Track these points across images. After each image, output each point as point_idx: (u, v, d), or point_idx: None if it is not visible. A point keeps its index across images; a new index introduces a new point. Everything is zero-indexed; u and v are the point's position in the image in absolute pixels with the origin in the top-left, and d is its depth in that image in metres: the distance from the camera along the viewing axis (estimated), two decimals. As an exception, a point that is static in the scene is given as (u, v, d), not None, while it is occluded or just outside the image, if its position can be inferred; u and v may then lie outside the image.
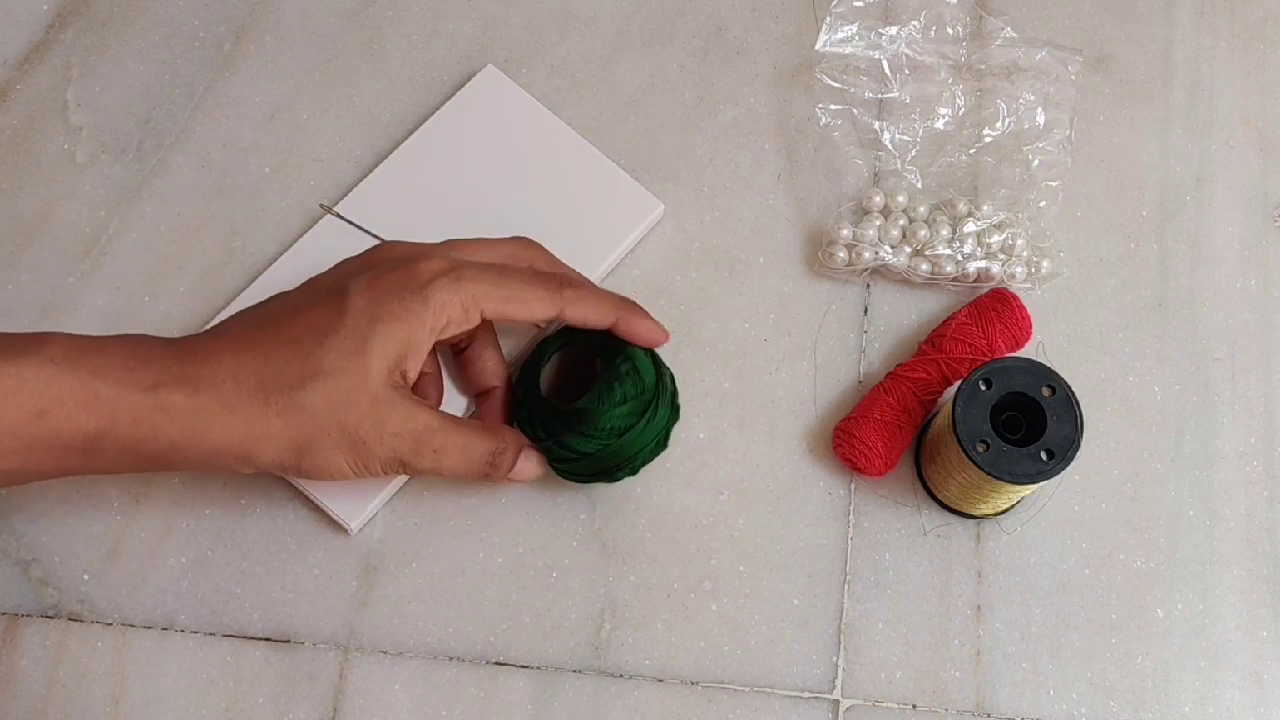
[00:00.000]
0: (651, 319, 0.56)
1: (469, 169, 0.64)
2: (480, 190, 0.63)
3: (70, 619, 0.57)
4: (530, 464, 0.56)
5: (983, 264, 0.62)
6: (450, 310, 0.51)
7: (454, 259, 0.52)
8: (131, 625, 0.57)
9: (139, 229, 0.64)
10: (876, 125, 0.65)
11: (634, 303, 0.56)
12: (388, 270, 0.51)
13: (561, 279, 0.54)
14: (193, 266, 0.63)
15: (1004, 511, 0.59)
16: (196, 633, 0.57)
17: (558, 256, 0.57)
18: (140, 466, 0.50)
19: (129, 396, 0.48)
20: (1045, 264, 0.62)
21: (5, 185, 0.64)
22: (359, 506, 0.58)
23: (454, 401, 0.59)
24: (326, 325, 0.50)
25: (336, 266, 0.54)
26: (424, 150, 0.64)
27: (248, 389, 0.49)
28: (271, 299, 0.53)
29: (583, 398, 0.55)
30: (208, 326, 0.61)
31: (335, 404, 0.49)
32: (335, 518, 0.58)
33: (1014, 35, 0.66)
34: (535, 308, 0.53)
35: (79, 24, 0.68)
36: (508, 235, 0.57)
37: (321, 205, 0.63)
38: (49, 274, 0.63)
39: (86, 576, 0.57)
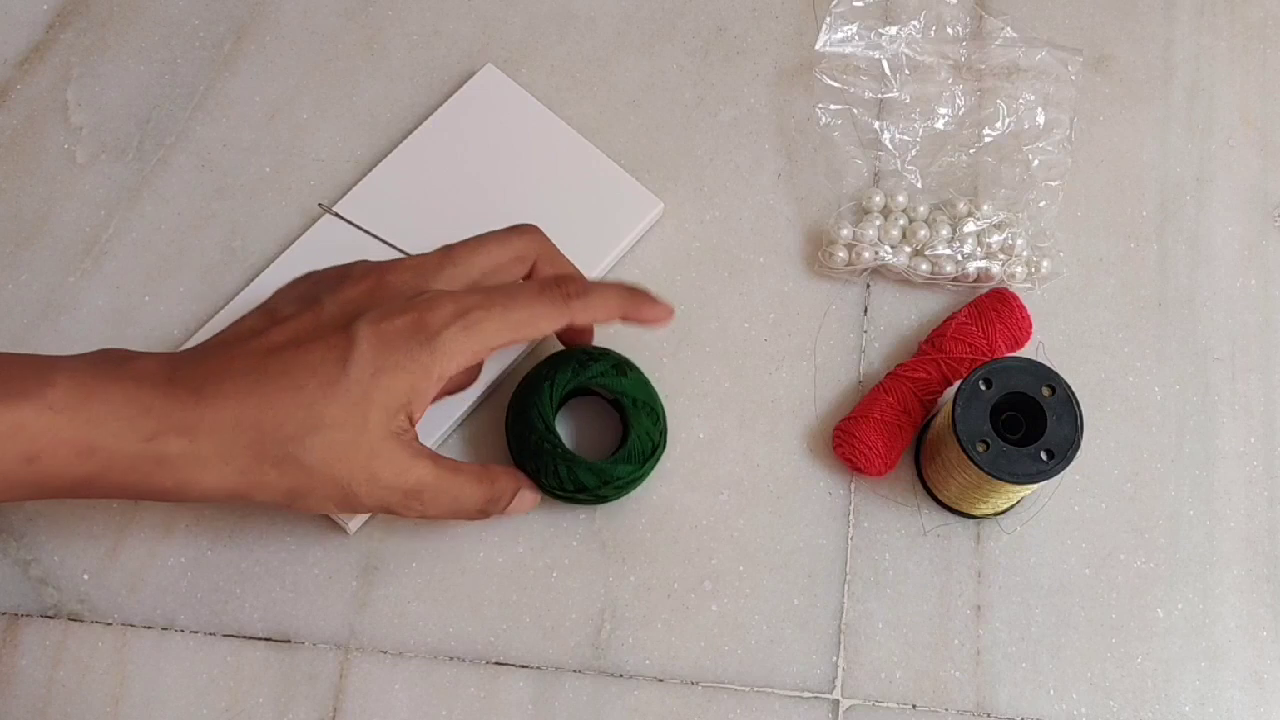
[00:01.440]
0: (655, 301, 0.56)
1: (468, 168, 0.64)
2: (479, 189, 0.63)
3: (70, 619, 0.57)
4: (526, 502, 0.56)
5: (983, 264, 0.62)
6: (460, 358, 0.50)
7: (464, 300, 0.51)
8: (131, 625, 0.57)
9: (139, 229, 0.64)
10: (876, 125, 0.65)
11: (636, 289, 0.56)
12: (396, 312, 0.50)
13: (564, 285, 0.53)
14: (193, 266, 0.63)
15: (1004, 511, 0.59)
16: (196, 633, 0.57)
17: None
18: (129, 499, 0.49)
19: (125, 447, 0.47)
20: (1045, 264, 0.62)
21: (5, 185, 0.64)
22: None
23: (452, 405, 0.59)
24: (330, 374, 0.49)
25: (341, 283, 0.52)
26: (423, 149, 0.64)
27: (247, 438, 0.48)
28: (274, 317, 0.52)
29: (611, 457, 0.57)
30: (211, 323, 0.60)
31: (332, 458, 0.49)
32: (334, 518, 0.58)
33: (1014, 35, 0.66)
34: (544, 324, 0.52)
35: (79, 24, 0.68)
36: None
37: (320, 205, 0.63)
38: (49, 274, 0.63)
39: (86, 576, 0.57)
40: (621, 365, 0.58)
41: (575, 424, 0.60)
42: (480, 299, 0.51)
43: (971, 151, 0.64)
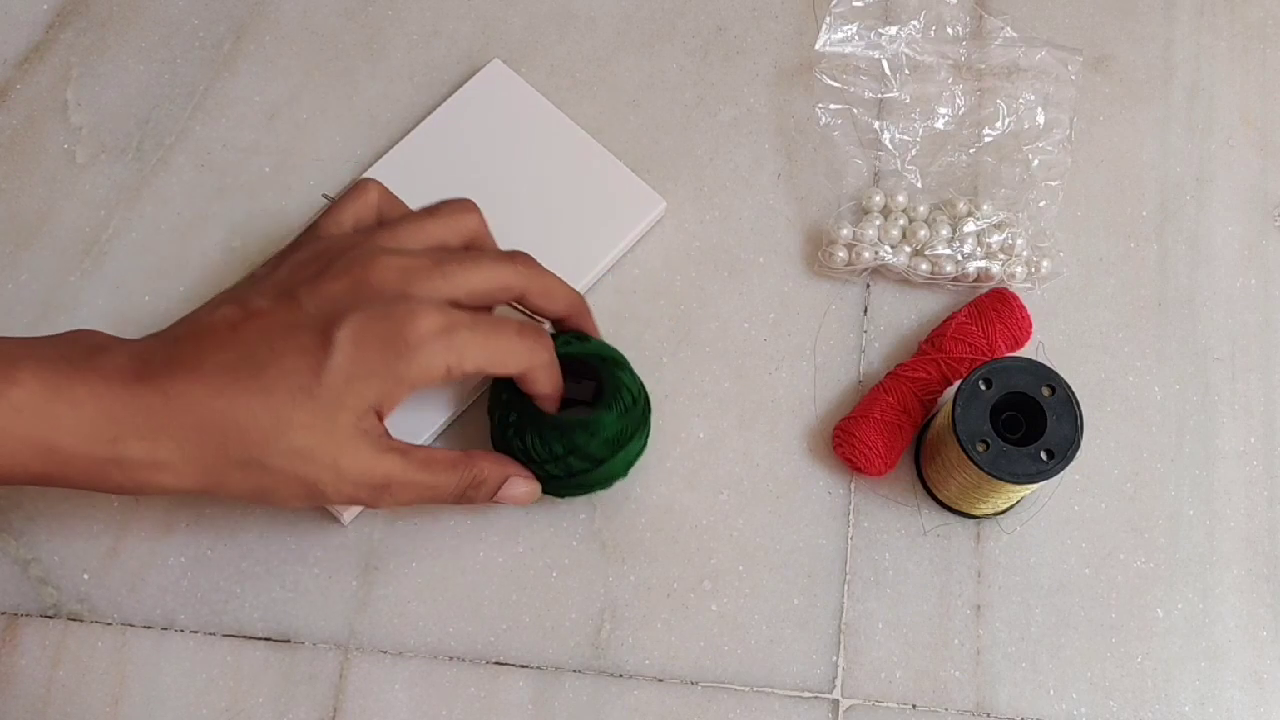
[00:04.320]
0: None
1: (473, 162, 0.64)
2: (483, 183, 0.63)
3: (70, 619, 0.57)
4: (518, 490, 0.55)
5: (983, 264, 0.62)
6: (436, 372, 0.50)
7: (450, 316, 0.50)
8: (131, 625, 0.57)
9: (139, 229, 0.64)
10: (876, 125, 0.65)
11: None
12: (378, 318, 0.49)
13: (545, 336, 0.54)
14: (193, 266, 0.63)
15: (1004, 511, 0.59)
16: (196, 632, 0.57)
17: (556, 259, 0.57)
18: (86, 490, 0.49)
19: (86, 450, 0.46)
20: (1045, 264, 0.62)
21: (5, 185, 0.64)
22: None
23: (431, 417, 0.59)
24: (303, 380, 0.48)
25: (320, 277, 0.50)
26: (428, 143, 0.64)
27: (212, 444, 0.48)
28: (248, 309, 0.50)
29: (586, 409, 0.55)
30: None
31: (298, 460, 0.48)
32: (328, 508, 0.58)
33: (1014, 35, 0.66)
34: (515, 363, 0.53)
35: (79, 24, 0.68)
36: (510, 230, 0.56)
37: (324, 195, 0.63)
38: (49, 274, 0.63)
39: (86, 576, 0.57)
40: (580, 335, 0.57)
41: None
42: (466, 319, 0.51)
43: (971, 151, 0.64)
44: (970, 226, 0.62)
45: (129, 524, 0.58)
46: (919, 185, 0.64)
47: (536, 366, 0.53)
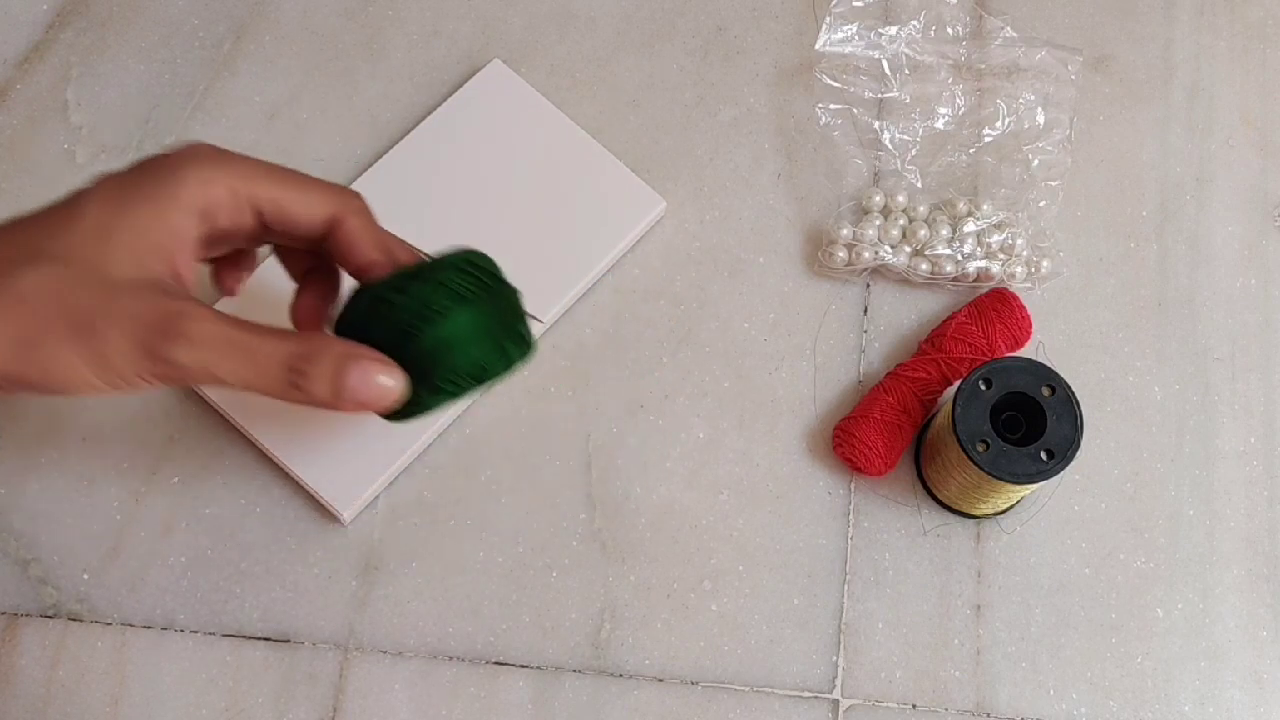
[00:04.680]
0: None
1: (472, 162, 0.64)
2: (483, 183, 0.63)
3: (70, 618, 0.57)
4: (372, 380, 0.44)
5: (983, 264, 0.62)
6: (214, 190, 0.43)
7: (228, 151, 0.45)
8: (131, 625, 0.57)
9: (139, 229, 0.64)
10: (876, 125, 0.65)
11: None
12: (145, 160, 0.44)
13: (348, 189, 0.47)
14: (193, 266, 0.63)
15: (1004, 511, 0.59)
16: (196, 632, 0.57)
17: (557, 259, 0.57)
18: None
19: None
20: (1045, 264, 0.62)
21: (5, 185, 0.64)
22: (353, 493, 0.58)
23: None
24: (61, 216, 0.42)
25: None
26: (428, 142, 0.64)
27: None
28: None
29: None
30: None
31: (60, 289, 0.41)
32: (328, 505, 0.57)
33: (1014, 35, 0.66)
34: (315, 206, 0.46)
35: (79, 24, 0.68)
36: (510, 230, 0.55)
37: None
38: (49, 274, 0.63)
39: (86, 576, 0.57)
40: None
41: None
42: (247, 156, 0.46)
43: (971, 151, 0.64)
44: (970, 226, 0.62)
45: (129, 524, 0.58)
46: (919, 185, 0.64)
47: (349, 213, 0.47)
